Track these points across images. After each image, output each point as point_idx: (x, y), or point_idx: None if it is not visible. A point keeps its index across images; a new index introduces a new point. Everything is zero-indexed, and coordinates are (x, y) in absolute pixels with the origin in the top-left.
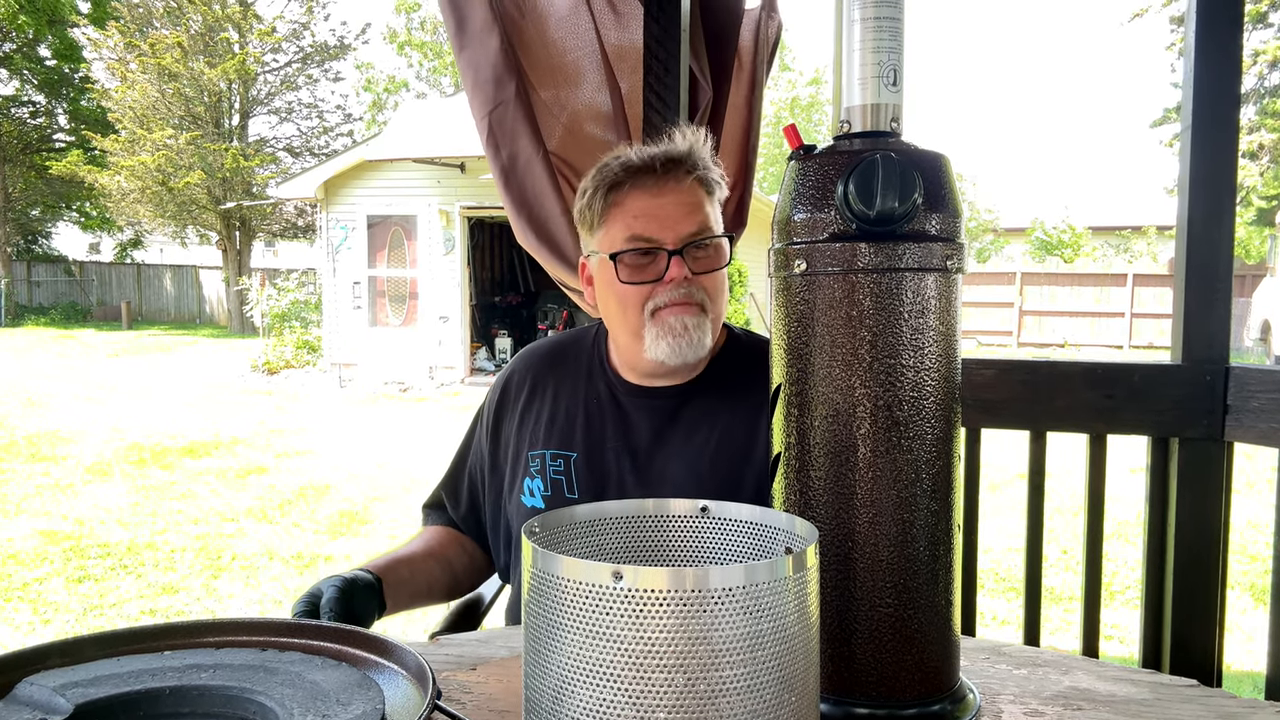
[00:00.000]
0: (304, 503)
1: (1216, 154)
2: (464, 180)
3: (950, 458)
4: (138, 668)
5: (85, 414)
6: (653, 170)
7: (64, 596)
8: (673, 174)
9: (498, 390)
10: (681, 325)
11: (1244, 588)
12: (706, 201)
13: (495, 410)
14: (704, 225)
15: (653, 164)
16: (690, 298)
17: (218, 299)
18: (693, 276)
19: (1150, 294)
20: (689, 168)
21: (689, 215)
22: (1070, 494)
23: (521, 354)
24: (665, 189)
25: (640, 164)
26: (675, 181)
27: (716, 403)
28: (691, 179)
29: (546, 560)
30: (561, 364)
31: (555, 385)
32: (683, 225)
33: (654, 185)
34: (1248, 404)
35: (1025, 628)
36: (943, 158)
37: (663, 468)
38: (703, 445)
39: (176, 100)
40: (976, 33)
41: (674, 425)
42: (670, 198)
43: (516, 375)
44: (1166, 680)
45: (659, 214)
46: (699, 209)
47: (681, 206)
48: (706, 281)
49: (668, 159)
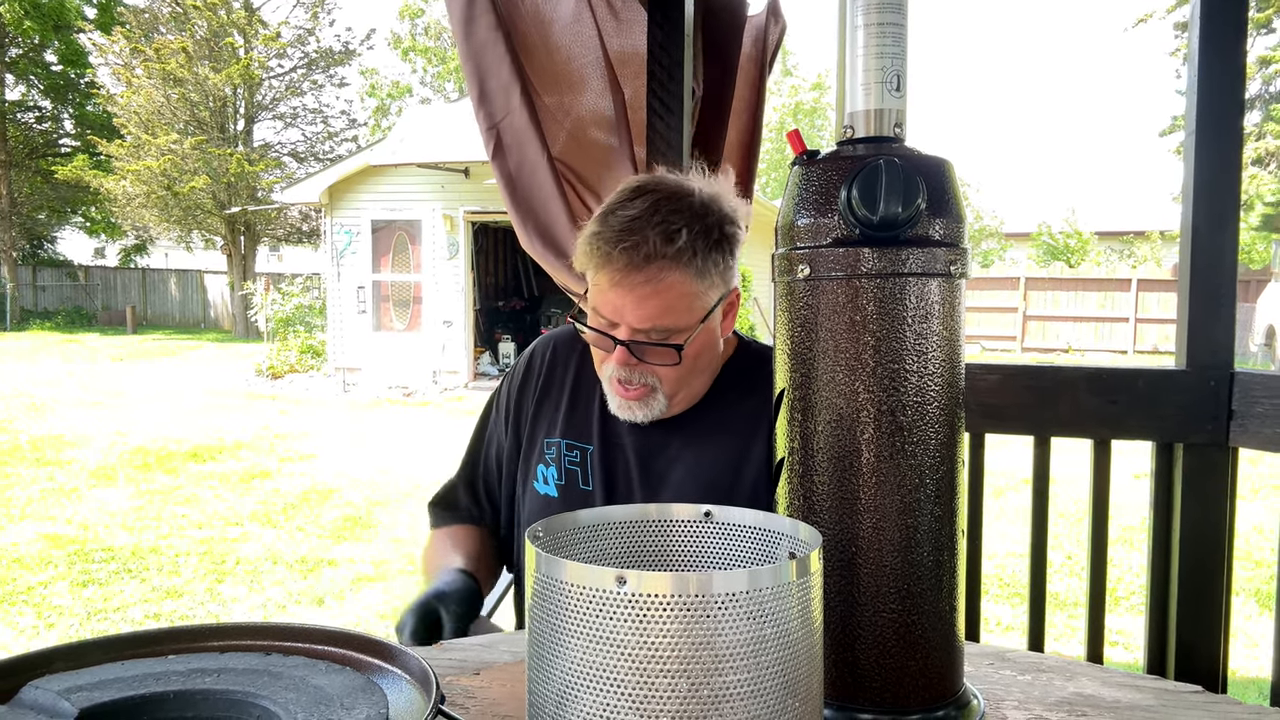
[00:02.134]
0: (308, 507)
1: (1220, 160)
2: (468, 185)
3: (954, 463)
4: (142, 672)
5: (90, 418)
6: (617, 261)
7: (68, 600)
8: (634, 265)
9: (518, 374)
10: (625, 405)
11: (1249, 593)
12: (682, 282)
13: (517, 390)
14: (657, 323)
15: (614, 253)
16: (632, 382)
17: (222, 303)
18: (640, 363)
19: (1154, 299)
20: (649, 254)
21: (641, 309)
22: (1074, 500)
23: (542, 339)
24: (627, 277)
25: (607, 248)
26: (636, 271)
27: (724, 412)
28: (656, 266)
29: (550, 565)
30: (582, 353)
31: (575, 375)
32: (635, 318)
33: (617, 272)
34: (1252, 409)
35: (1029, 633)
36: (946, 163)
37: (667, 473)
38: (707, 452)
39: (181, 105)
40: (980, 38)
41: (680, 432)
42: (627, 290)
43: (538, 357)
44: (1171, 686)
45: (615, 301)
46: (658, 301)
47: (638, 301)
48: (659, 370)
49: (630, 248)
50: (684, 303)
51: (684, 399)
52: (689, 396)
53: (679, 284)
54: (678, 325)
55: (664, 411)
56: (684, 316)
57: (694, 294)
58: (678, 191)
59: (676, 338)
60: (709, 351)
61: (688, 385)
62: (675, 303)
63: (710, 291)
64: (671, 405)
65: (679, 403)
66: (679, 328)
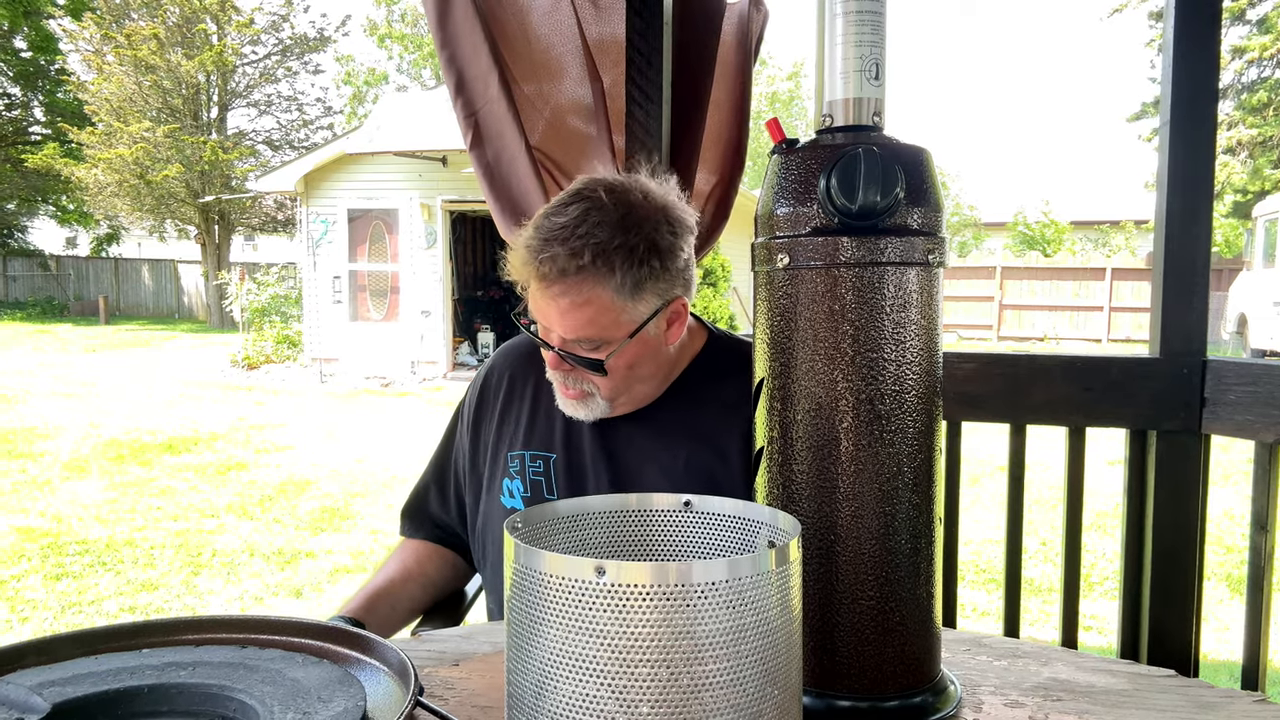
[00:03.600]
0: (285, 499)
1: (1195, 149)
2: (446, 174)
3: (932, 451)
4: (115, 666)
5: (62, 410)
6: (542, 270)
7: (42, 594)
8: (554, 276)
9: (477, 388)
10: (568, 404)
11: (1220, 578)
12: (603, 296)
13: (475, 408)
14: (582, 334)
15: (534, 261)
16: (568, 385)
17: (196, 293)
18: (574, 369)
19: (1128, 288)
20: (564, 268)
21: (565, 320)
22: (1049, 486)
23: (500, 350)
24: (549, 287)
25: (530, 256)
26: (557, 281)
27: (693, 407)
28: (575, 279)
29: (529, 556)
30: (541, 364)
31: (535, 384)
32: (561, 328)
33: (540, 280)
34: (1224, 396)
35: (1005, 619)
36: (924, 152)
37: (638, 471)
38: (678, 450)
39: (154, 93)
40: (958, 27)
41: (650, 430)
42: (550, 300)
43: (495, 372)
44: (1144, 671)
45: (542, 309)
46: (579, 314)
47: (561, 312)
48: (593, 378)
49: (549, 259)
50: (608, 316)
51: (628, 402)
52: (634, 400)
53: (600, 298)
54: (604, 338)
55: (608, 412)
56: (609, 330)
57: (619, 308)
58: (613, 201)
59: (604, 349)
60: (648, 361)
61: (627, 391)
62: (598, 316)
63: (638, 305)
64: (615, 407)
65: (623, 405)
66: (605, 339)
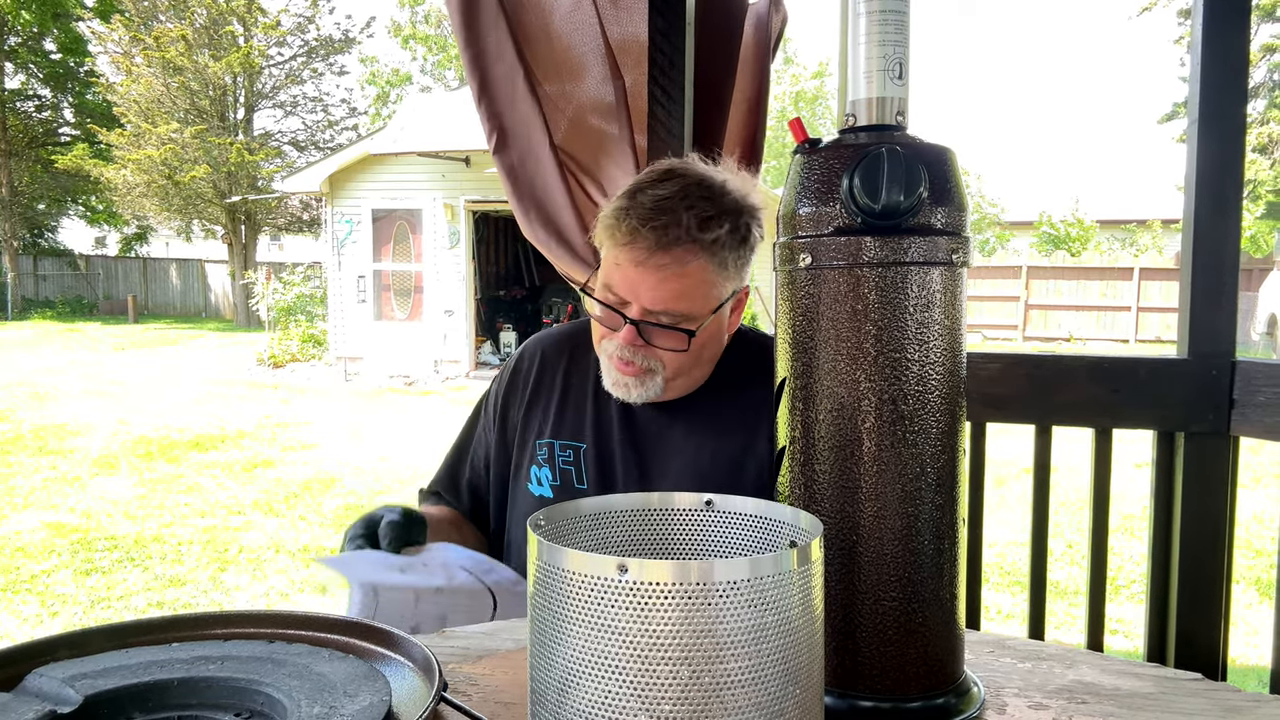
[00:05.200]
0: (310, 496)
1: (1223, 148)
2: (469, 174)
3: (955, 452)
4: (146, 659)
5: (92, 407)
6: (645, 239)
7: (72, 589)
8: (663, 245)
9: (506, 375)
10: (622, 382)
11: (1249, 582)
12: (703, 269)
13: (504, 395)
14: (671, 306)
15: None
16: (634, 361)
17: (223, 293)
18: (646, 345)
19: (1156, 288)
20: (679, 236)
21: (659, 291)
22: (1075, 488)
23: (532, 340)
24: (652, 256)
25: (636, 224)
26: (663, 252)
27: (720, 401)
28: (683, 248)
29: (552, 553)
30: (571, 353)
31: (565, 374)
32: (650, 299)
33: (642, 250)
34: (1254, 398)
35: (1030, 622)
36: (948, 151)
37: (665, 464)
38: (705, 443)
39: (181, 94)
40: (982, 26)
41: (677, 423)
42: (649, 270)
43: (526, 359)
44: (1171, 674)
45: (633, 279)
46: (676, 284)
47: (658, 282)
48: (663, 355)
49: (660, 227)
50: (701, 290)
51: (681, 385)
52: (687, 384)
53: (700, 270)
54: (691, 312)
55: (659, 395)
56: (699, 304)
57: (712, 283)
58: (707, 179)
59: (688, 324)
60: (714, 343)
61: (688, 373)
62: (693, 289)
63: (726, 284)
64: (667, 389)
65: (675, 389)
66: (692, 314)
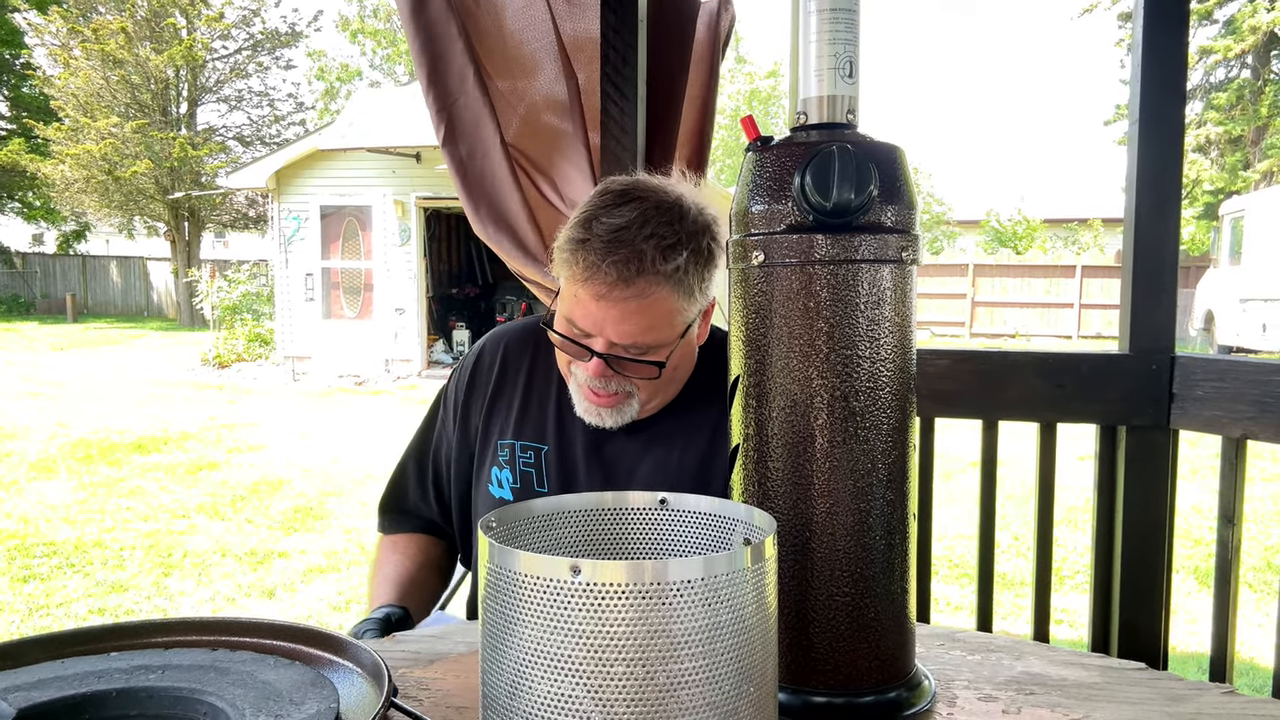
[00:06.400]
0: (257, 498)
1: (1163, 149)
2: (420, 170)
3: (906, 447)
4: (83, 670)
5: (29, 409)
6: (605, 274)
7: (9, 597)
8: (623, 279)
9: (466, 372)
10: (594, 410)
11: (1188, 571)
12: (668, 299)
13: (464, 391)
14: (638, 340)
15: (603, 265)
16: (606, 390)
17: (166, 291)
18: (615, 375)
19: (1098, 285)
20: (640, 269)
21: (624, 325)
22: (1021, 481)
23: (493, 335)
24: (613, 291)
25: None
26: (624, 286)
27: (686, 401)
28: (645, 281)
29: (503, 555)
30: (534, 350)
31: (528, 372)
32: (615, 333)
33: (603, 285)
34: (1192, 392)
35: (978, 613)
36: (898, 150)
37: (632, 466)
38: (671, 444)
39: (122, 87)
40: (930, 26)
41: (643, 429)
42: (611, 305)
43: (487, 357)
44: (1116, 664)
45: (595, 314)
46: (641, 319)
47: (621, 316)
48: (636, 380)
49: (620, 262)
50: (666, 319)
51: (656, 405)
52: (661, 402)
53: (664, 300)
54: (659, 341)
55: (635, 417)
56: (665, 333)
57: (677, 310)
58: (665, 200)
59: (657, 354)
60: (686, 363)
61: (662, 393)
62: (659, 320)
63: (692, 307)
64: (643, 411)
65: (651, 409)
66: (660, 343)
